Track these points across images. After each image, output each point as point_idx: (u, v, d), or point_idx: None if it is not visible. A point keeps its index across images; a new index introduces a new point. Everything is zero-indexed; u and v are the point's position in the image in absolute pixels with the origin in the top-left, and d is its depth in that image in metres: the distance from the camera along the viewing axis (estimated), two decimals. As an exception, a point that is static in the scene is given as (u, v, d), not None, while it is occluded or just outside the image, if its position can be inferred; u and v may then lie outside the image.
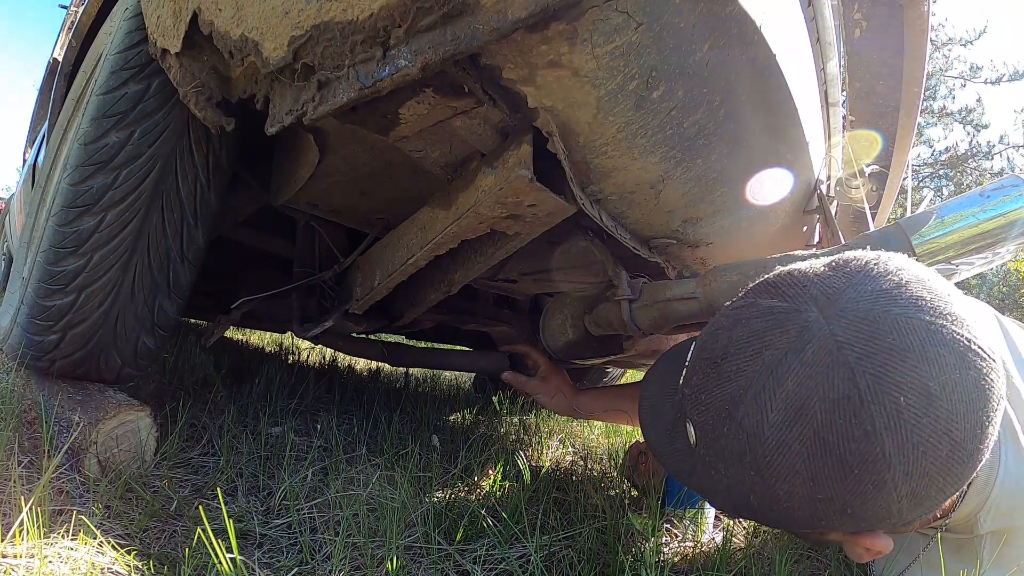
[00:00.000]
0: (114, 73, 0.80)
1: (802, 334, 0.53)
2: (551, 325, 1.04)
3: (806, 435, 0.51)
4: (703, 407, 0.58)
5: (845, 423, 0.50)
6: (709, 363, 0.59)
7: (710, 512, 0.93)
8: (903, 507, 0.52)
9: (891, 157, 1.18)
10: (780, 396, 0.52)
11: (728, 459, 0.56)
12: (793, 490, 0.52)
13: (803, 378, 0.51)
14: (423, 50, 0.51)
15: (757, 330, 0.56)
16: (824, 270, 0.57)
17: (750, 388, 0.54)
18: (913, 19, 0.89)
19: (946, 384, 0.49)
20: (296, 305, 1.13)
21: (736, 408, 0.54)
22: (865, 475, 0.50)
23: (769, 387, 0.53)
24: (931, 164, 12.86)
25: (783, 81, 0.67)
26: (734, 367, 0.56)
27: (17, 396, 0.88)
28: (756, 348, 0.55)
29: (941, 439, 0.49)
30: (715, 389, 0.57)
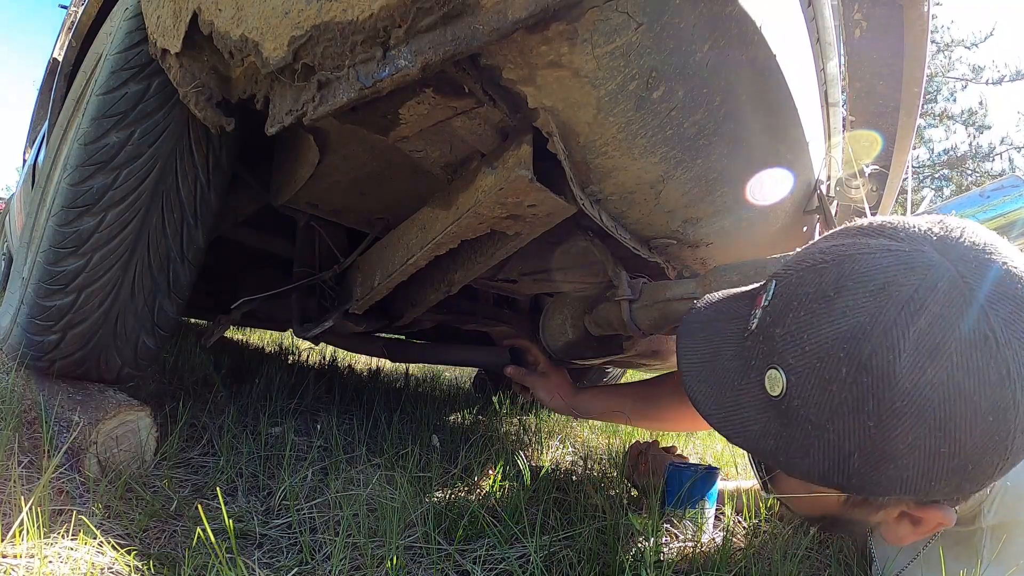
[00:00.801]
0: (114, 73, 0.80)
1: (930, 272, 0.48)
2: (551, 325, 1.04)
3: (939, 379, 0.46)
4: (805, 349, 0.51)
5: (982, 366, 0.46)
6: (816, 299, 0.52)
7: (710, 512, 0.93)
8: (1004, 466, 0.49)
9: (891, 157, 1.18)
10: (913, 334, 0.47)
11: (838, 408, 0.50)
12: (916, 443, 0.48)
13: (937, 316, 0.47)
14: (423, 50, 0.51)
15: (878, 265, 0.50)
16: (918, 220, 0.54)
17: (877, 324, 0.48)
18: (913, 19, 0.89)
19: None
20: (296, 305, 1.13)
21: (858, 347, 0.48)
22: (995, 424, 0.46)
23: (901, 323, 0.47)
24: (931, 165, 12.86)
25: (783, 81, 0.67)
26: (851, 302, 0.49)
27: (17, 396, 0.88)
28: (880, 282, 0.49)
29: None
30: (825, 327, 0.50)
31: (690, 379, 0.64)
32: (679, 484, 0.91)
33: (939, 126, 12.79)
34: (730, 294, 0.70)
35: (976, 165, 12.53)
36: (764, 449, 0.56)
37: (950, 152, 12.87)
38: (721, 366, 0.62)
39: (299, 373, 1.65)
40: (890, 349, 0.47)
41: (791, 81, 0.68)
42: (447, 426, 1.47)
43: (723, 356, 0.62)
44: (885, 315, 0.48)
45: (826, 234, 0.59)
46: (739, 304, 0.66)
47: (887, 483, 0.51)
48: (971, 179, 12.46)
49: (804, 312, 0.52)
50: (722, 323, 0.65)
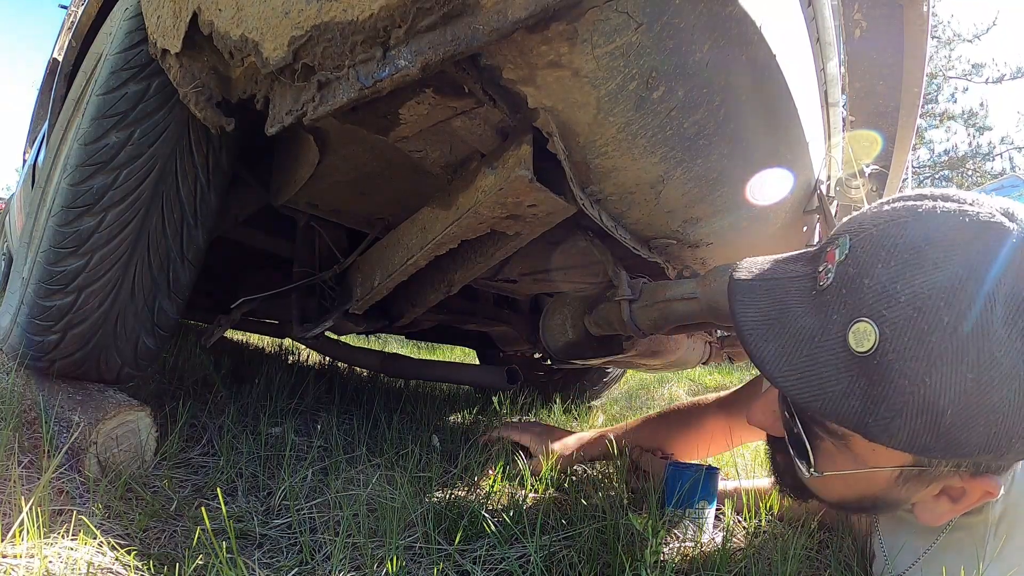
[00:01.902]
0: (114, 73, 0.80)
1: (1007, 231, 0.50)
2: (551, 325, 1.04)
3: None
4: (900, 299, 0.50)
5: None
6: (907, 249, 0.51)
7: (710, 512, 0.93)
8: None
9: (891, 157, 1.18)
10: (1005, 287, 0.48)
11: (937, 360, 0.48)
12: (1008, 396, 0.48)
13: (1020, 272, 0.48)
14: (423, 50, 0.51)
15: (961, 221, 0.51)
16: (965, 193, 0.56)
17: (973, 276, 0.48)
18: (913, 19, 0.89)
19: None
20: (296, 305, 1.13)
21: (957, 297, 0.48)
22: None
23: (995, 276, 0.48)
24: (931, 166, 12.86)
25: (783, 81, 0.67)
26: (944, 254, 0.49)
27: (17, 396, 0.88)
28: (968, 237, 0.50)
29: None
30: (920, 277, 0.49)
31: (754, 339, 0.59)
32: (679, 484, 0.91)
33: (940, 126, 12.79)
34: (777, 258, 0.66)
35: (976, 165, 12.53)
36: (847, 411, 0.53)
37: (950, 152, 12.87)
38: (791, 324, 0.57)
39: (299, 373, 1.65)
40: (988, 299, 0.47)
41: (791, 81, 0.68)
42: (447, 426, 1.47)
43: (792, 314, 0.58)
44: (978, 268, 0.48)
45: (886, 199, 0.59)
46: (796, 265, 0.63)
47: (973, 442, 0.49)
48: (971, 179, 12.45)
49: (896, 263, 0.51)
50: (782, 281, 0.62)
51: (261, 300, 1.08)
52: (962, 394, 0.48)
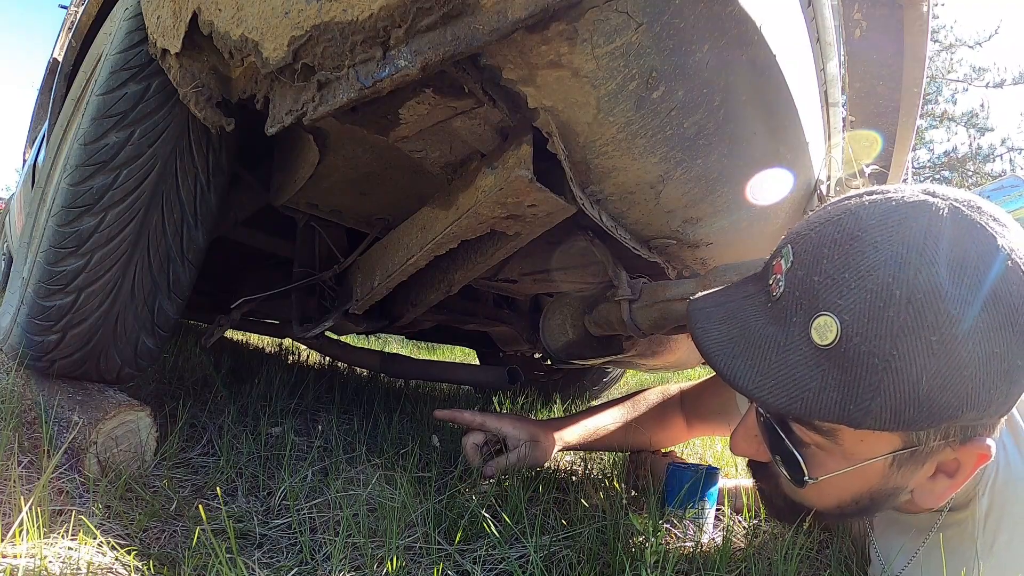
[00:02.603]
0: (114, 73, 0.80)
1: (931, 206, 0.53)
2: (551, 325, 1.04)
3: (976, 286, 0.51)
4: (851, 285, 0.52)
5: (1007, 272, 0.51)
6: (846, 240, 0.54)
7: (710, 512, 0.93)
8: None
9: (891, 157, 1.18)
10: (943, 251, 0.51)
11: (900, 332, 0.51)
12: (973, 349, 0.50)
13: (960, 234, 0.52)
14: (423, 50, 0.51)
15: (888, 207, 0.54)
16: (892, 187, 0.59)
17: (911, 248, 0.51)
18: (913, 19, 0.89)
19: None
20: (296, 305, 1.13)
21: (902, 270, 0.51)
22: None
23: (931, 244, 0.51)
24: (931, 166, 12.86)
25: (783, 81, 0.67)
26: (880, 236, 0.53)
27: (17, 396, 0.88)
28: (897, 218, 0.53)
29: None
30: (863, 261, 0.52)
31: (722, 359, 0.61)
32: (679, 484, 0.91)
33: (940, 127, 12.79)
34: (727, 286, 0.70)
35: (976, 166, 12.53)
36: (827, 404, 0.54)
37: (951, 153, 12.86)
38: (755, 337, 0.60)
39: (299, 373, 1.65)
40: (931, 265, 0.50)
41: (791, 81, 0.68)
42: (447, 426, 1.47)
43: (753, 328, 0.60)
44: (914, 240, 0.51)
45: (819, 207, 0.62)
46: (747, 286, 0.66)
47: (955, 402, 0.51)
48: (972, 180, 12.45)
49: (838, 254, 0.54)
50: (735, 303, 0.64)
51: (261, 300, 1.08)
52: (931, 357, 0.50)
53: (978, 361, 0.51)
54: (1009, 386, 0.53)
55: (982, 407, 0.53)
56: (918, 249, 0.51)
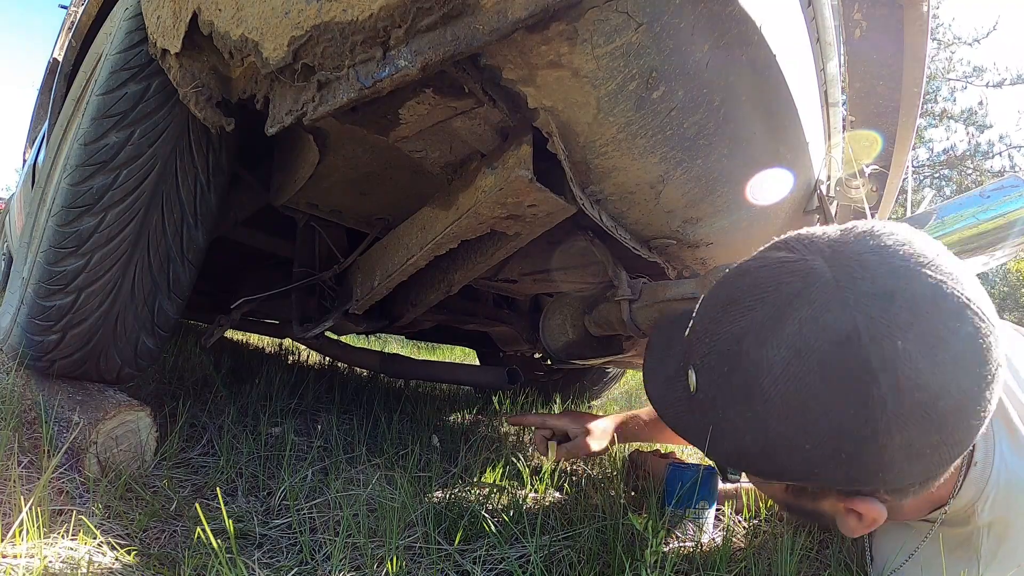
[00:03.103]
0: (114, 73, 0.80)
1: (807, 277, 0.54)
2: (551, 325, 1.04)
3: (804, 373, 0.52)
4: (707, 348, 0.59)
5: (843, 362, 0.50)
6: (717, 307, 0.60)
7: (710, 512, 0.93)
8: (897, 460, 0.51)
9: (891, 157, 1.18)
10: (785, 333, 0.53)
11: (731, 398, 0.57)
12: (789, 431, 0.53)
13: (806, 318, 0.52)
14: (423, 50, 0.51)
15: (765, 276, 0.57)
16: (833, 230, 0.58)
17: (752, 329, 0.55)
18: (913, 19, 0.89)
19: (946, 338, 0.50)
20: (296, 305, 1.13)
21: (741, 343, 0.55)
22: (860, 416, 0.50)
23: (771, 327, 0.54)
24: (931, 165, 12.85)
25: (783, 81, 0.67)
26: (741, 309, 0.57)
27: (17, 396, 0.88)
28: (763, 290, 0.56)
29: (940, 390, 0.49)
30: (720, 330, 0.58)
31: (645, 377, 0.73)
32: (679, 484, 0.91)
33: (939, 126, 12.78)
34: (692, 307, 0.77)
35: (976, 164, 12.52)
36: (692, 439, 0.64)
37: (950, 151, 12.86)
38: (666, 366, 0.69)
39: (299, 373, 1.65)
40: (762, 345, 0.54)
41: (791, 81, 0.68)
42: (447, 426, 1.47)
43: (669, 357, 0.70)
44: (763, 319, 0.55)
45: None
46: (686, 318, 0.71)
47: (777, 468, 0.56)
48: (971, 178, 12.45)
49: (708, 318, 0.61)
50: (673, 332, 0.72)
51: (261, 300, 1.08)
52: (754, 426, 0.55)
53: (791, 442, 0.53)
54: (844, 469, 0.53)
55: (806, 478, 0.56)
56: (760, 327, 0.54)
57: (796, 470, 0.56)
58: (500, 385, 1.35)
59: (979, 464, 0.64)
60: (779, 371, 0.53)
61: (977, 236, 0.80)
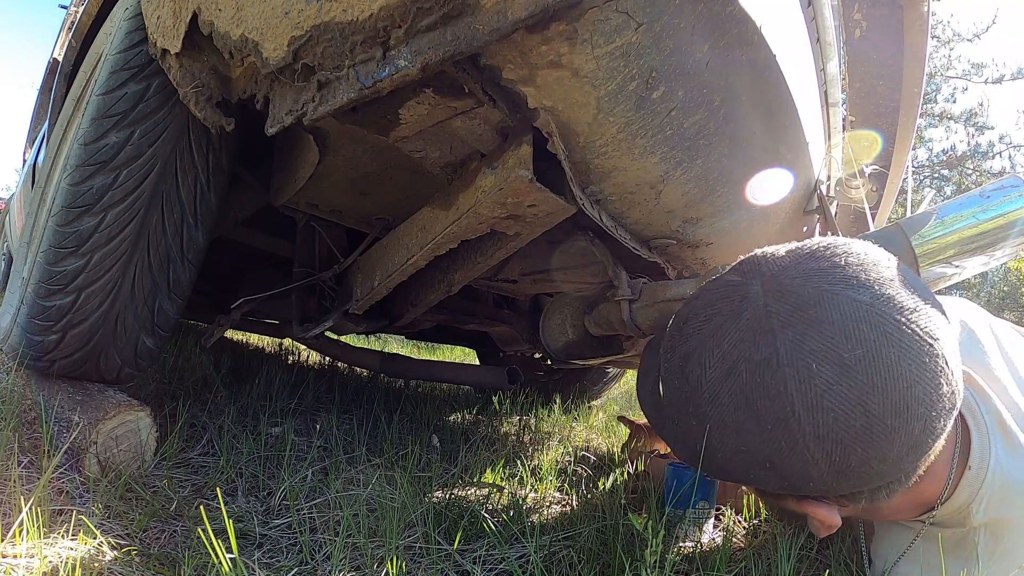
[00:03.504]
0: (114, 73, 0.80)
1: (743, 302, 0.59)
2: (551, 325, 1.04)
3: (734, 391, 0.57)
4: (667, 364, 0.66)
5: (763, 382, 0.55)
6: (675, 327, 0.67)
7: (710, 512, 0.93)
8: (824, 472, 0.55)
9: (891, 157, 1.18)
10: (717, 355, 0.59)
11: (679, 409, 0.64)
12: (724, 440, 0.59)
13: (736, 341, 0.58)
14: (423, 50, 0.51)
15: (711, 300, 0.63)
16: (782, 251, 0.62)
17: (696, 348, 0.61)
18: (913, 19, 0.89)
19: (863, 358, 0.53)
20: (296, 305, 1.13)
21: (686, 364, 0.62)
22: (778, 431, 0.55)
23: (710, 347, 0.60)
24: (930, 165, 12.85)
25: (783, 81, 0.67)
26: (690, 330, 0.63)
27: (17, 396, 0.88)
28: (707, 314, 0.62)
29: (854, 409, 0.53)
30: (676, 348, 0.65)
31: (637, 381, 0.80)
32: (679, 484, 0.91)
33: (939, 126, 12.77)
34: None
35: (976, 164, 12.51)
36: (665, 437, 0.72)
37: (949, 152, 12.85)
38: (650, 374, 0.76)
39: (299, 373, 1.65)
40: (701, 367, 0.60)
41: (791, 81, 0.68)
42: (447, 426, 1.47)
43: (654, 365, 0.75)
44: (702, 341, 0.61)
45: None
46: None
47: (724, 471, 0.62)
48: (971, 178, 12.44)
49: (670, 335, 0.67)
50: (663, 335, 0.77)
51: (261, 300, 1.08)
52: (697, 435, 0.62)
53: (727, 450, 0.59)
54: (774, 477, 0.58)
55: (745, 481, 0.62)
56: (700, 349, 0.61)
57: (735, 474, 0.62)
58: (500, 385, 1.35)
59: (974, 468, 0.64)
60: (714, 389, 0.59)
61: (977, 236, 0.80)
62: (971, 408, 0.66)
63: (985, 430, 0.65)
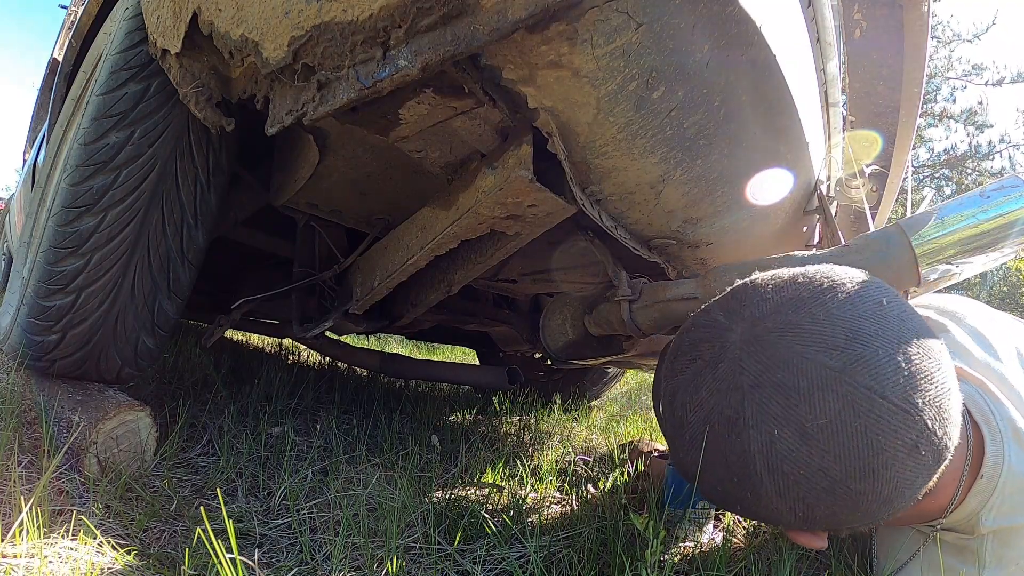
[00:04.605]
0: (114, 73, 0.80)
1: (720, 352, 0.60)
2: (551, 325, 1.04)
3: (709, 438, 0.59)
4: (661, 391, 0.68)
5: (730, 439, 0.57)
6: (669, 357, 0.68)
7: (710, 512, 0.93)
8: (792, 521, 0.57)
9: (891, 157, 1.17)
10: (696, 401, 0.61)
11: (668, 438, 0.68)
12: (704, 477, 0.61)
13: (712, 391, 0.59)
14: (423, 50, 0.51)
15: (697, 338, 0.64)
16: (771, 288, 0.61)
17: (680, 388, 0.63)
18: (913, 19, 0.89)
19: (825, 427, 0.53)
20: (296, 305, 1.13)
21: (673, 400, 0.64)
22: (744, 485, 0.57)
23: (690, 391, 0.62)
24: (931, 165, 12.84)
25: (783, 81, 0.67)
26: (678, 367, 0.65)
27: (17, 396, 0.88)
28: (692, 355, 0.63)
29: (814, 474, 0.53)
30: (667, 380, 0.67)
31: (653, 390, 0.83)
32: (679, 484, 0.91)
33: (939, 126, 12.76)
34: None
35: (976, 164, 12.51)
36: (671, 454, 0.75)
37: (950, 151, 12.84)
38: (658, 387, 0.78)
39: (299, 373, 1.65)
40: (683, 408, 0.63)
41: (791, 81, 0.68)
42: (447, 426, 1.47)
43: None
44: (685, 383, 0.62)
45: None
46: None
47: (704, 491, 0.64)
48: (971, 178, 12.43)
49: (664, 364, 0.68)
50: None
51: (261, 300, 1.08)
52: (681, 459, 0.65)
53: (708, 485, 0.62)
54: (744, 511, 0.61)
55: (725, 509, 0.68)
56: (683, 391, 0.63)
57: (715, 501, 0.65)
58: (500, 385, 1.35)
59: (986, 476, 0.64)
60: (693, 432, 0.61)
61: (977, 236, 0.80)
62: (985, 416, 0.66)
63: (1000, 438, 0.64)
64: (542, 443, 1.47)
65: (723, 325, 0.62)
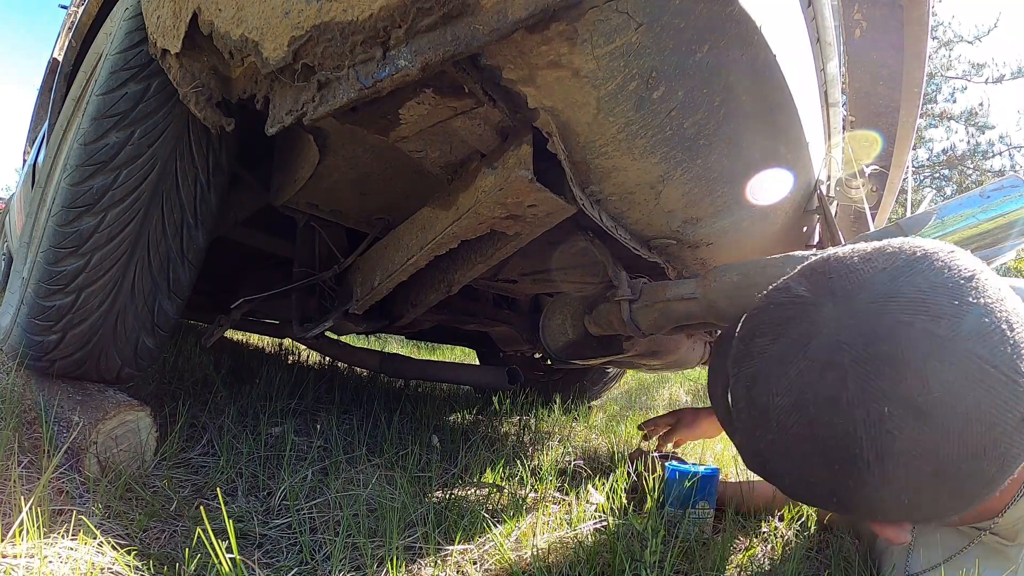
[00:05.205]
0: (114, 73, 0.80)
1: (811, 328, 0.55)
2: (551, 325, 1.04)
3: (800, 424, 0.54)
4: (735, 379, 0.62)
5: (830, 421, 0.52)
6: (742, 340, 0.62)
7: (710, 512, 0.93)
8: (889, 510, 0.53)
9: (891, 157, 1.18)
10: (784, 384, 0.55)
11: (745, 428, 0.61)
12: (789, 469, 0.57)
13: (803, 372, 0.54)
14: (423, 50, 0.51)
15: (779, 317, 0.58)
16: (858, 260, 0.57)
17: (763, 371, 0.57)
18: (913, 19, 0.89)
19: (940, 403, 0.48)
20: (296, 305, 1.13)
21: (753, 386, 0.58)
22: (846, 472, 0.52)
23: (776, 373, 0.56)
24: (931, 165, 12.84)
25: (783, 82, 0.67)
26: (757, 348, 0.59)
27: (17, 396, 0.88)
28: (775, 334, 0.58)
29: (926, 455, 0.49)
30: (741, 364, 0.61)
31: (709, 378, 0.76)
32: (679, 484, 0.91)
33: (939, 126, 12.75)
34: None
35: (976, 164, 12.50)
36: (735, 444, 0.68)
37: (950, 151, 12.83)
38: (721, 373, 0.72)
39: (299, 373, 1.65)
40: (768, 394, 0.57)
41: (791, 81, 0.68)
42: (447, 426, 1.47)
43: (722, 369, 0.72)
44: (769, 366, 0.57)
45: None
46: None
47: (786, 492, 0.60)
48: (971, 178, 12.43)
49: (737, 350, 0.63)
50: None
51: (261, 300, 1.08)
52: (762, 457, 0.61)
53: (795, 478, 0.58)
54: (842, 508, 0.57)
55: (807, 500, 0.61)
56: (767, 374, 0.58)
57: (800, 497, 0.60)
58: (500, 385, 1.35)
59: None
60: (781, 420, 0.55)
61: (977, 236, 0.80)
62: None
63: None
64: (542, 443, 1.47)
65: (808, 300, 0.56)
